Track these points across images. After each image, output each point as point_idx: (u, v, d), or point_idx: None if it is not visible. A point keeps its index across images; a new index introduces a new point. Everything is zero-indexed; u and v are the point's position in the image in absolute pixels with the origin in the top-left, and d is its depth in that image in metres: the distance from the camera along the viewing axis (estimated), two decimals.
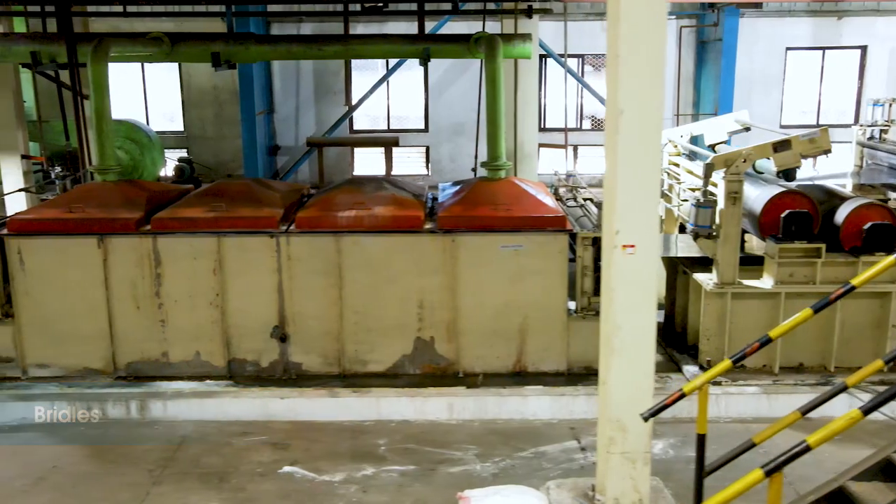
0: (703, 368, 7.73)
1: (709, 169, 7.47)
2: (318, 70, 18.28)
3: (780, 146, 7.38)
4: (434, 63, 18.25)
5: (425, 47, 9.63)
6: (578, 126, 18.80)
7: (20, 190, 10.53)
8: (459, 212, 7.70)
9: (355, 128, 18.64)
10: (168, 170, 17.39)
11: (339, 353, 7.78)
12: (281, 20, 17.46)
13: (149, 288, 7.65)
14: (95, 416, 7.17)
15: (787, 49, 17.90)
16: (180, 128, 18.84)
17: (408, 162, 18.77)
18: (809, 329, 7.30)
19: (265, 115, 17.72)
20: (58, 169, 12.04)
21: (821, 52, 17.99)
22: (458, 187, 8.59)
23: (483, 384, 7.57)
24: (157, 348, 7.78)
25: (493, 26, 14.58)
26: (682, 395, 4.64)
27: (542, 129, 18.43)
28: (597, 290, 7.65)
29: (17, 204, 11.35)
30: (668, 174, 9.14)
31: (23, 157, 11.40)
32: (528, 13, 10.95)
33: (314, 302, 7.68)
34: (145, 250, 7.58)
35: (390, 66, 17.81)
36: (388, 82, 18.03)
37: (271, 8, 14.78)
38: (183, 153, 18.52)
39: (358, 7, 12.56)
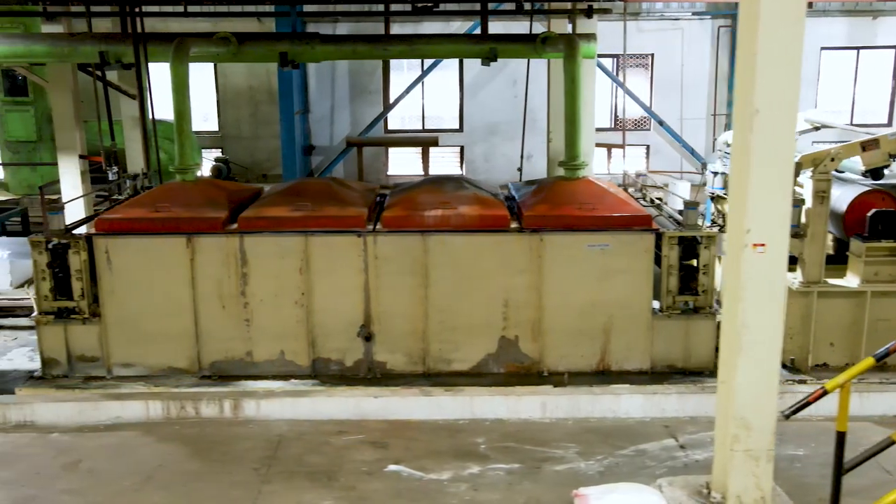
0: (786, 367, 7.77)
1: (797, 168, 7.49)
2: (353, 70, 18.29)
3: (869, 145, 7.40)
4: (469, 63, 18.41)
5: (492, 47, 9.66)
6: (612, 126, 18.84)
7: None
8: (545, 211, 7.72)
9: (389, 128, 18.66)
10: (204, 170, 17.45)
11: (424, 352, 7.80)
12: (317, 20, 17.46)
13: (234, 287, 7.66)
14: (189, 414, 7.18)
15: (822, 49, 17.94)
16: (215, 127, 18.86)
17: (442, 162, 18.78)
18: None
19: (300, 114, 17.72)
20: (115, 168, 12.04)
21: (855, 51, 18.04)
22: (533, 187, 8.61)
23: (569, 383, 7.59)
24: (242, 347, 7.79)
25: (536, 26, 14.61)
26: (825, 393, 4.67)
27: None
28: (682, 289, 7.70)
29: (75, 205, 11.39)
30: None
31: (80, 157, 11.40)
32: (588, 13, 10.95)
33: (399, 301, 7.69)
34: (232, 249, 7.60)
35: (426, 66, 17.84)
36: (422, 82, 18.07)
37: (320, 8, 14.80)
38: (217, 153, 18.56)
39: (407, 7, 12.61)
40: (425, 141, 16.62)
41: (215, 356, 7.79)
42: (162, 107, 11.84)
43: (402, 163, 18.80)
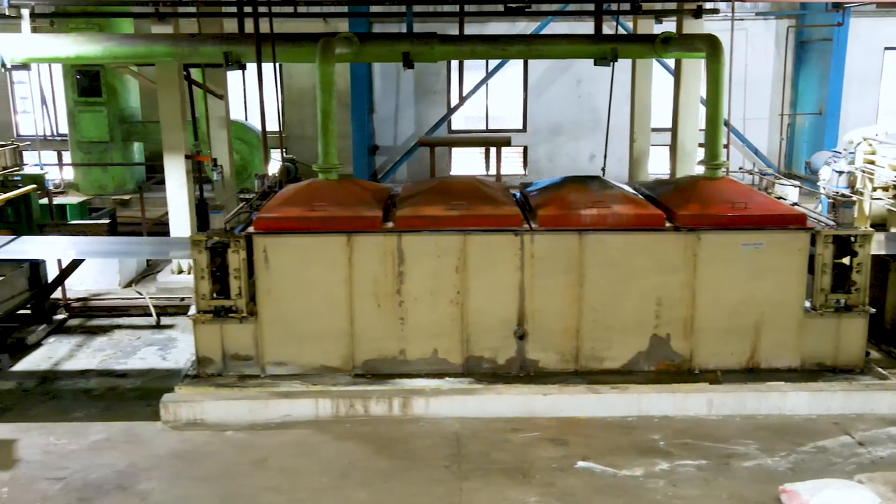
0: None
1: None
2: (418, 70, 18.31)
3: None
4: (533, 63, 18.46)
5: (613, 48, 9.69)
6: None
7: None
8: (699, 210, 7.77)
9: (453, 128, 18.73)
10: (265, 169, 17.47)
11: (576, 350, 7.84)
12: (383, 20, 17.52)
13: (391, 286, 7.70)
14: (359, 413, 7.23)
15: (886, 49, 18.02)
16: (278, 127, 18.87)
17: (505, 162, 18.83)
18: None
19: (365, 114, 17.78)
20: (220, 169, 12.08)
21: None
22: (670, 186, 8.67)
23: (722, 381, 7.64)
24: (395, 346, 7.83)
25: (613, 25, 14.53)
26: None
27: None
28: (835, 288, 7.76)
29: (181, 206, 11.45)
30: (863, 172, 9.25)
31: (186, 157, 11.44)
32: (697, 13, 11.01)
33: (554, 300, 7.74)
34: (390, 248, 7.64)
35: (492, 66, 17.90)
36: (487, 82, 18.13)
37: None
38: (280, 152, 18.59)
39: (500, 7, 12.65)
40: (497, 141, 16.67)
41: (369, 355, 7.83)
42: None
43: (466, 163, 18.87)
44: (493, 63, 17.86)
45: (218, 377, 7.76)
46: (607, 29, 18.18)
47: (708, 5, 11.29)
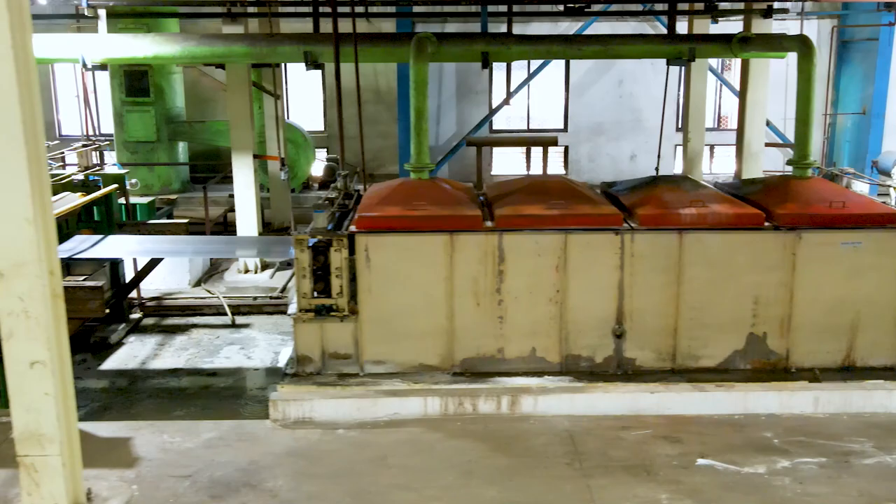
0: None
1: None
2: (460, 70, 18.39)
3: None
4: (575, 63, 18.50)
5: (690, 47, 9.72)
6: (716, 126, 18.96)
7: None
8: (798, 209, 7.80)
9: (494, 128, 18.75)
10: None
11: (673, 348, 7.88)
12: (425, 20, 17.54)
13: (490, 284, 7.73)
14: (467, 411, 7.26)
15: None
16: (320, 127, 18.95)
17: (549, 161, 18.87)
18: None
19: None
20: (286, 169, 12.12)
21: None
22: (758, 186, 8.70)
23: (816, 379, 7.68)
24: (494, 344, 7.86)
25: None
26: None
27: (679, 129, 18.57)
28: None
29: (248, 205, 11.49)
30: None
31: (254, 156, 11.48)
32: (768, 13, 11.04)
33: (652, 298, 7.77)
34: (490, 247, 7.67)
35: (535, 67, 17.92)
36: (528, 82, 18.16)
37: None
38: (323, 152, 18.64)
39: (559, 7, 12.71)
40: (545, 140, 16.69)
41: (467, 353, 7.86)
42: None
43: (507, 163, 18.90)
44: (534, 63, 17.88)
45: (317, 376, 7.79)
46: (649, 29, 18.30)
47: (777, 5, 11.31)
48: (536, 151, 18.61)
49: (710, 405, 7.31)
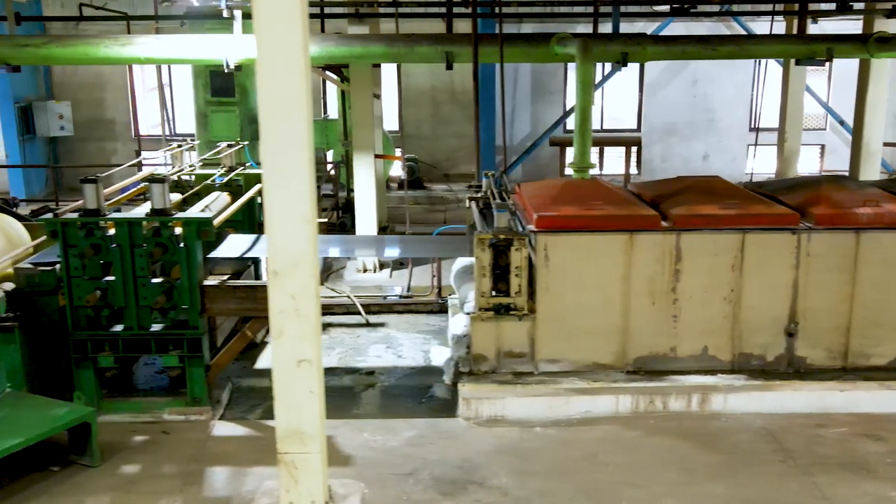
0: None
1: None
2: (535, 70, 18.47)
3: None
4: (650, 63, 18.54)
5: (828, 47, 9.78)
6: None
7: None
8: None
9: (567, 128, 18.82)
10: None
11: (845, 347, 7.93)
12: (505, 21, 17.57)
13: (666, 284, 7.79)
14: (657, 408, 7.32)
15: None
16: (395, 126, 19.01)
17: (617, 161, 18.94)
18: None
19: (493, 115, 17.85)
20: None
21: None
22: None
23: None
24: (666, 343, 7.91)
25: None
26: None
27: (752, 129, 18.66)
28: None
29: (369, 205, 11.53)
30: None
31: (376, 156, 11.53)
32: (892, 13, 11.10)
33: (825, 297, 7.82)
34: (668, 246, 7.72)
35: (609, 68, 18.00)
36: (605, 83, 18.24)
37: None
38: (397, 152, 18.70)
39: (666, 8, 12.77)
40: (628, 140, 16.76)
41: (640, 351, 7.91)
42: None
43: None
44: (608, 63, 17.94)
45: (492, 374, 7.85)
46: (724, 29, 18.33)
47: None
48: (610, 151, 18.70)
49: None
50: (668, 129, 18.77)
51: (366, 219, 11.58)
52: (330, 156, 17.89)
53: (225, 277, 8.38)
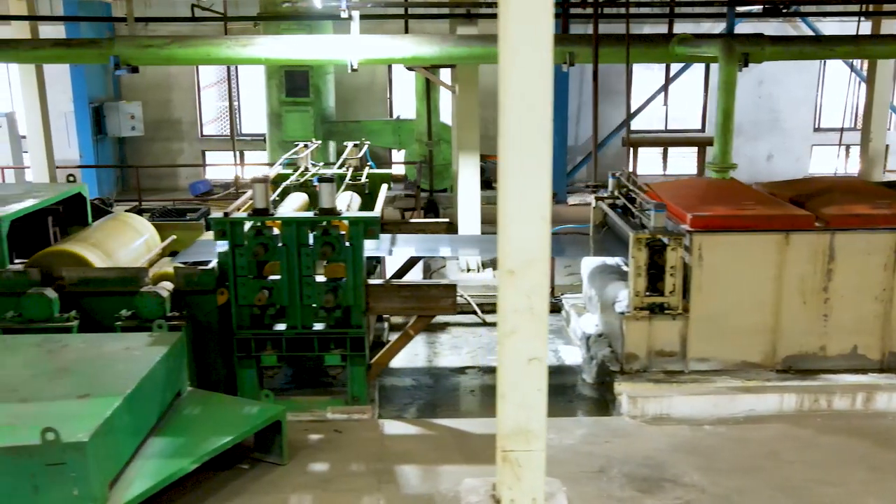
0: None
1: None
2: (601, 71, 18.45)
3: None
4: (714, 64, 18.57)
5: None
6: (853, 126, 19.03)
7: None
8: None
9: (632, 129, 18.85)
10: None
11: None
12: (574, 21, 17.60)
13: (818, 283, 7.83)
14: (821, 407, 7.36)
15: None
16: None
17: (683, 162, 18.99)
18: None
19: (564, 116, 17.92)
20: None
21: None
22: None
23: None
24: (816, 342, 7.96)
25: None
26: None
27: (817, 129, 18.72)
28: None
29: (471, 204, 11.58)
30: None
31: (487, 157, 11.58)
32: None
33: None
34: (822, 246, 7.77)
35: (676, 68, 18.04)
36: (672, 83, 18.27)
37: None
38: None
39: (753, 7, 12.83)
40: (700, 140, 16.81)
41: (789, 350, 7.95)
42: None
43: (642, 163, 19.01)
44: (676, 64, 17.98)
45: (644, 373, 7.89)
46: (791, 30, 18.33)
47: None
48: (674, 152, 18.77)
49: None
50: (734, 129, 18.77)
51: (470, 219, 11.62)
52: (401, 156, 17.96)
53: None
